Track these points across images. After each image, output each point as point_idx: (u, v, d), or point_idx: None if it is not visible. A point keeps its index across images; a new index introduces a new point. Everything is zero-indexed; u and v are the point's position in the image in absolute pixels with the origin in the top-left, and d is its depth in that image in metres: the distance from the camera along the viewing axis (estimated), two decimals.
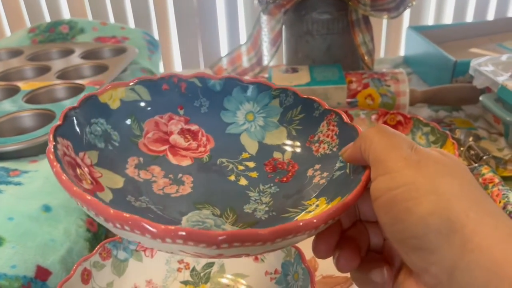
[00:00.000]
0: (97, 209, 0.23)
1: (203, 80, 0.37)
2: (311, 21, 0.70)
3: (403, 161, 0.24)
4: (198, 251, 0.23)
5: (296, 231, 0.23)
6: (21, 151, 0.54)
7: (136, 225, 0.22)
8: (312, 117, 0.35)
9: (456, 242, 0.20)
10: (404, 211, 0.22)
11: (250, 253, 0.25)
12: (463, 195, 0.22)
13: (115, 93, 0.34)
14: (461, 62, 0.70)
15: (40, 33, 0.96)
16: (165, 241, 0.22)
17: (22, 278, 0.39)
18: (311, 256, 0.46)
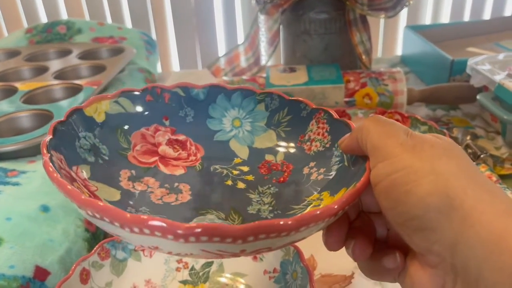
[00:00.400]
0: (113, 215, 0.22)
1: (186, 90, 0.37)
2: (308, 21, 0.70)
3: (400, 147, 0.24)
4: (223, 248, 0.23)
5: (317, 219, 0.23)
6: (19, 152, 0.54)
7: (155, 227, 0.22)
8: (300, 117, 0.35)
9: (456, 218, 0.21)
10: (404, 194, 0.23)
11: (272, 247, 0.25)
12: (460, 174, 0.23)
13: (100, 106, 0.34)
14: (458, 61, 0.71)
15: (38, 34, 0.96)
16: (188, 241, 0.22)
17: (21, 278, 0.39)
18: (310, 255, 0.47)
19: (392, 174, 0.24)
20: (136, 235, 0.23)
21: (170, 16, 1.41)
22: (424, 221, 0.22)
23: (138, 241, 0.24)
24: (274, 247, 0.25)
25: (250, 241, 0.22)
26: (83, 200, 0.23)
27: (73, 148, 0.31)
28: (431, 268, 0.23)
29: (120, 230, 0.23)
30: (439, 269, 0.23)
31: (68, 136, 0.31)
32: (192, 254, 0.24)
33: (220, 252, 0.24)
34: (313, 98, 0.63)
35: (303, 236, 0.25)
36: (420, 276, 0.24)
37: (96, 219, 0.24)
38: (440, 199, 0.22)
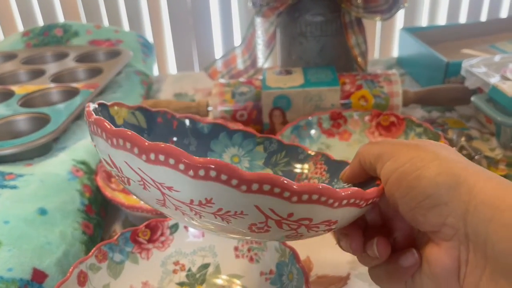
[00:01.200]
0: (133, 140, 0.23)
1: (192, 122, 0.39)
2: (304, 23, 0.70)
3: (403, 146, 0.28)
4: (275, 206, 0.23)
5: (357, 196, 0.25)
6: (16, 155, 0.54)
7: (228, 170, 0.22)
8: (297, 159, 0.38)
9: (463, 191, 0.24)
10: (415, 179, 0.26)
11: (313, 219, 0.25)
12: (459, 159, 0.27)
13: (120, 111, 0.36)
14: (453, 63, 0.71)
15: (34, 37, 0.96)
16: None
17: (19, 281, 0.39)
18: (306, 256, 0.47)
19: (400, 166, 0.27)
20: (199, 181, 0.23)
21: (167, 19, 1.42)
22: (436, 198, 0.25)
23: (193, 190, 0.23)
24: (314, 222, 0.25)
25: (304, 201, 0.24)
26: (153, 144, 0.23)
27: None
28: (447, 242, 0.26)
29: (183, 177, 0.23)
30: (453, 241, 0.25)
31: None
32: (242, 213, 0.24)
33: (270, 213, 0.24)
34: (309, 100, 0.64)
35: (338, 217, 0.26)
36: (437, 253, 0.26)
37: (159, 164, 0.23)
38: (448, 177, 0.25)
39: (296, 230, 0.26)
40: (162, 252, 0.45)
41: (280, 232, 0.26)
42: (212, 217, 0.25)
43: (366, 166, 0.31)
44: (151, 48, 0.99)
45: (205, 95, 0.86)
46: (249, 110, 0.67)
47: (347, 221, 0.28)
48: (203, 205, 0.24)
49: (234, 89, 0.68)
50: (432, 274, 0.27)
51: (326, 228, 0.27)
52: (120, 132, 0.24)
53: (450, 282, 0.26)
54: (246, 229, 0.26)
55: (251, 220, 0.25)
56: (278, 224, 0.25)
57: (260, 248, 0.44)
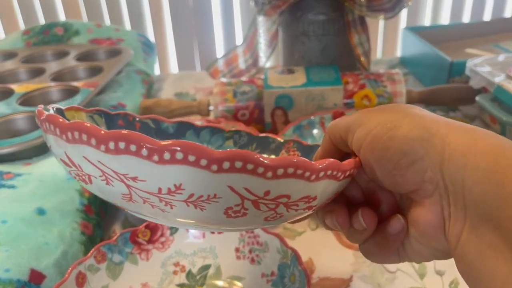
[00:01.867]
0: (89, 131, 0.21)
1: (156, 122, 0.38)
2: (307, 22, 0.69)
3: (371, 112, 0.28)
4: (250, 184, 0.22)
5: (334, 168, 0.25)
6: (15, 154, 0.54)
7: (193, 149, 0.21)
8: (269, 149, 0.37)
9: (437, 142, 0.24)
10: (387, 141, 0.26)
11: (291, 196, 0.24)
12: (429, 114, 0.27)
13: (77, 115, 0.34)
14: (458, 62, 0.70)
15: (35, 35, 0.95)
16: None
17: (16, 282, 0.38)
18: (308, 258, 0.46)
19: (371, 131, 0.27)
20: (161, 165, 0.21)
21: (168, 17, 1.41)
22: (412, 154, 0.25)
23: (158, 176, 0.22)
24: (292, 199, 0.24)
25: (279, 175, 0.22)
26: (105, 133, 0.22)
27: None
28: (428, 199, 0.25)
29: (144, 162, 0.21)
30: (435, 196, 0.25)
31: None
32: (215, 196, 0.23)
33: (245, 193, 0.23)
34: (311, 100, 0.63)
35: (317, 192, 0.25)
36: (421, 213, 0.26)
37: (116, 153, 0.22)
38: (420, 131, 0.25)
39: (275, 210, 0.25)
40: (162, 253, 0.45)
41: (259, 214, 0.25)
42: (184, 206, 0.23)
43: (337, 142, 0.30)
44: (152, 47, 0.99)
45: (206, 94, 0.86)
46: (250, 109, 0.66)
47: (327, 196, 0.27)
48: (173, 192, 0.22)
49: (235, 88, 0.67)
50: (420, 235, 0.26)
51: (306, 206, 0.26)
52: (75, 124, 0.22)
53: (438, 240, 0.26)
54: (222, 214, 0.24)
55: (226, 203, 0.23)
56: (255, 205, 0.24)
57: (261, 250, 0.43)
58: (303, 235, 0.49)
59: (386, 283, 0.43)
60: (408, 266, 0.44)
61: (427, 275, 0.43)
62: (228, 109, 0.66)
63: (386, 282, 0.43)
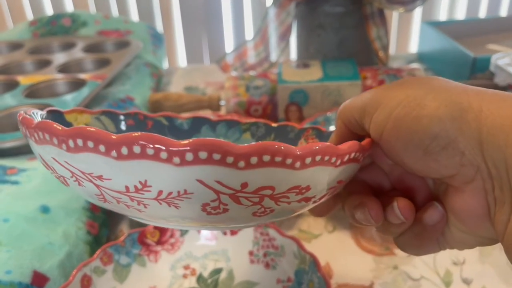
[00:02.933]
0: (49, 129, 0.21)
1: (170, 119, 0.37)
2: (323, 14, 0.67)
3: (387, 90, 0.24)
4: (221, 176, 0.20)
5: (324, 152, 0.21)
6: (20, 148, 0.52)
7: (150, 140, 0.19)
8: (288, 139, 0.35)
9: (471, 119, 0.21)
10: (413, 122, 0.22)
11: (276, 188, 0.22)
12: (452, 84, 0.23)
13: (80, 118, 0.34)
14: (481, 58, 0.67)
15: (42, 26, 0.93)
16: (184, 160, 0.19)
17: (18, 285, 0.36)
18: (325, 263, 0.44)
19: (392, 113, 0.23)
20: (122, 161, 0.20)
21: (177, 10, 1.39)
22: (444, 137, 0.22)
23: (122, 174, 0.21)
24: (277, 191, 0.22)
25: (253, 165, 0.20)
26: (63, 130, 0.21)
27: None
28: (470, 184, 0.22)
29: (105, 159, 0.20)
30: (476, 180, 0.22)
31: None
32: (185, 192, 0.21)
33: (218, 186, 0.20)
34: (328, 95, 0.60)
35: (309, 181, 0.22)
36: (462, 200, 0.23)
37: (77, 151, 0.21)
38: (449, 108, 0.21)
39: (261, 204, 0.22)
40: (171, 255, 0.42)
41: (243, 209, 0.22)
42: (157, 205, 0.22)
43: (352, 126, 0.27)
44: (161, 39, 0.96)
45: (216, 88, 0.83)
46: (264, 104, 0.63)
47: (327, 186, 0.24)
48: (141, 190, 0.21)
49: (248, 83, 0.65)
50: (462, 224, 0.24)
51: (300, 198, 0.23)
52: (39, 124, 0.21)
53: (483, 228, 0.23)
54: (200, 211, 0.22)
55: (200, 199, 0.21)
56: (235, 199, 0.21)
57: (277, 254, 0.41)
58: (319, 238, 0.47)
59: None
60: (432, 273, 0.41)
61: (454, 284, 0.40)
62: (241, 104, 0.63)
63: None
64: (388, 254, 0.44)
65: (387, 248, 0.45)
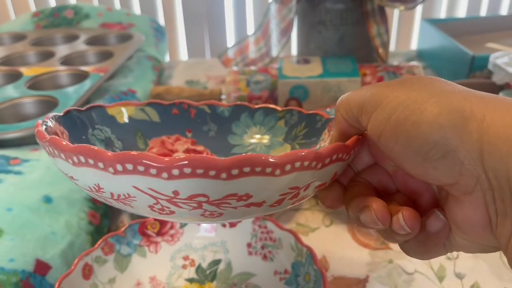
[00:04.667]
0: (90, 154, 0.22)
1: (212, 107, 0.38)
2: (324, 11, 0.67)
3: (387, 88, 0.23)
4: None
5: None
6: (23, 139, 0.52)
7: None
8: (315, 129, 0.36)
9: (473, 128, 0.20)
10: (413, 126, 0.22)
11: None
12: (456, 89, 0.22)
13: (125, 110, 0.36)
14: (479, 56, 0.68)
15: (44, 18, 0.93)
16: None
17: (21, 273, 0.37)
18: (322, 256, 0.45)
19: (391, 115, 0.22)
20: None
21: (179, 3, 1.39)
22: (444, 145, 0.21)
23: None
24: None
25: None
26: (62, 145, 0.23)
27: (83, 133, 0.32)
28: (470, 195, 0.22)
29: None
30: (476, 191, 0.21)
31: (81, 123, 0.32)
32: (129, 196, 0.23)
33: (153, 193, 0.22)
34: (328, 91, 0.61)
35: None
36: (461, 211, 0.22)
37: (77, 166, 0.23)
38: (451, 115, 0.21)
39: (202, 208, 0.23)
40: (171, 246, 0.43)
41: (186, 212, 0.24)
42: (115, 203, 0.25)
43: (350, 120, 0.26)
44: (163, 33, 0.97)
45: (218, 83, 0.84)
46: (264, 99, 0.64)
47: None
48: (98, 191, 0.24)
49: (249, 77, 0.65)
50: (463, 234, 0.23)
51: (244, 204, 0.23)
52: (52, 140, 0.24)
53: (485, 238, 0.22)
54: (150, 211, 0.24)
55: (144, 202, 0.23)
56: (174, 204, 0.23)
57: (274, 246, 0.42)
58: (316, 231, 0.48)
59: (403, 285, 0.41)
60: (427, 267, 0.42)
61: (447, 278, 0.41)
62: (241, 98, 0.64)
63: (403, 283, 0.41)
64: (383, 248, 0.45)
65: (382, 243, 0.45)
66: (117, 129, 0.35)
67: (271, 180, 0.22)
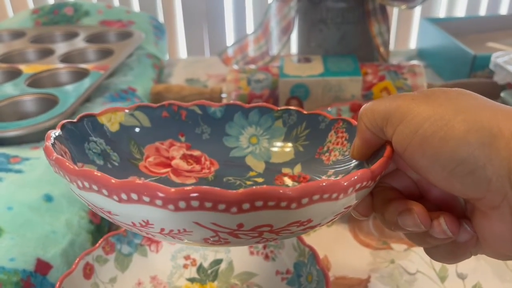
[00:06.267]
0: (100, 181, 0.22)
1: (203, 108, 0.37)
2: (325, 9, 0.67)
3: (414, 102, 0.24)
4: (217, 219, 0.21)
5: (322, 190, 0.21)
6: (23, 137, 0.52)
7: (146, 189, 0.21)
8: (319, 130, 0.35)
9: (501, 146, 0.20)
10: (441, 142, 0.22)
11: (274, 225, 0.22)
12: (483, 106, 0.22)
13: (114, 117, 0.34)
14: (481, 56, 0.68)
15: (44, 15, 0.93)
16: (178, 207, 0.20)
17: (21, 272, 0.37)
18: (324, 256, 0.44)
19: (418, 129, 0.23)
20: (124, 204, 0.22)
21: (178, 1, 1.38)
22: (471, 162, 0.21)
23: (126, 213, 0.22)
24: (276, 227, 0.22)
25: (246, 210, 0.20)
26: (73, 170, 0.23)
27: (81, 148, 0.31)
28: (496, 210, 0.22)
29: (109, 200, 0.22)
30: (503, 207, 0.21)
31: (77, 136, 0.31)
32: (185, 231, 0.22)
33: (215, 227, 0.22)
34: (329, 90, 0.61)
35: (310, 216, 0.22)
36: (487, 226, 0.23)
37: (86, 190, 0.23)
38: (479, 133, 0.21)
39: (262, 236, 0.23)
40: (172, 245, 0.43)
41: (243, 241, 0.24)
42: (162, 237, 0.24)
43: (374, 130, 0.26)
44: (163, 30, 0.96)
45: (218, 81, 0.84)
46: (265, 98, 0.64)
47: (329, 216, 0.24)
48: (145, 226, 0.23)
49: (249, 76, 0.65)
50: (488, 246, 0.23)
51: (302, 228, 0.23)
52: (55, 160, 0.24)
53: (510, 249, 0.22)
54: (203, 242, 0.24)
55: (200, 235, 0.23)
56: (234, 236, 0.23)
57: (276, 246, 0.41)
58: (318, 231, 0.48)
59: (405, 285, 0.41)
60: (428, 268, 0.42)
61: (449, 278, 0.41)
62: (242, 97, 0.64)
63: (405, 284, 0.41)
64: (385, 248, 0.45)
65: (384, 243, 0.45)
66: (110, 139, 0.34)
67: (334, 204, 0.22)
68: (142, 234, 0.25)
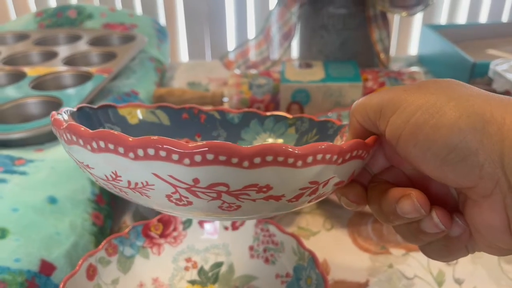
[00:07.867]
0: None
1: (222, 113, 0.39)
2: (327, 15, 0.68)
3: (406, 92, 0.24)
4: (172, 171, 0.22)
5: (326, 151, 0.22)
6: (27, 139, 0.53)
7: (111, 136, 0.21)
8: (327, 135, 0.36)
9: (493, 131, 0.20)
10: (432, 129, 0.22)
11: (230, 185, 0.22)
12: (475, 92, 0.22)
13: (135, 111, 0.36)
14: (480, 63, 0.69)
15: (47, 18, 0.94)
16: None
17: (26, 273, 0.37)
18: (323, 259, 0.45)
19: (410, 118, 0.23)
20: (96, 154, 0.22)
21: (180, 5, 1.39)
22: (464, 149, 0.21)
23: (99, 165, 0.23)
24: (233, 188, 0.22)
25: (198, 162, 0.21)
26: (82, 131, 0.23)
27: (94, 129, 0.33)
28: (488, 198, 0.22)
29: (84, 151, 0.23)
30: (495, 194, 0.21)
31: (93, 121, 0.33)
32: (147, 184, 0.23)
33: (172, 180, 0.22)
34: (329, 96, 0.61)
35: (268, 181, 0.22)
36: (479, 215, 0.23)
37: (69, 143, 0.24)
38: (471, 119, 0.21)
39: (221, 199, 0.23)
40: (174, 247, 0.44)
41: (205, 203, 0.23)
42: (131, 192, 0.24)
43: (366, 124, 0.26)
44: (166, 34, 0.97)
45: (219, 85, 0.84)
46: (266, 103, 0.65)
47: (289, 187, 0.23)
48: (115, 179, 0.24)
49: (251, 81, 0.66)
50: (482, 237, 0.23)
51: (263, 197, 0.23)
52: (71, 127, 0.24)
53: (505, 241, 0.22)
54: (168, 202, 0.24)
55: (162, 191, 0.23)
56: (193, 193, 0.23)
57: (276, 249, 0.42)
58: (317, 235, 0.48)
59: None
60: (426, 272, 0.43)
61: (446, 283, 0.42)
62: (243, 102, 0.65)
63: None
64: (383, 253, 0.45)
65: (383, 247, 0.46)
66: (128, 129, 0.35)
67: (292, 171, 0.22)
68: (119, 194, 0.26)
